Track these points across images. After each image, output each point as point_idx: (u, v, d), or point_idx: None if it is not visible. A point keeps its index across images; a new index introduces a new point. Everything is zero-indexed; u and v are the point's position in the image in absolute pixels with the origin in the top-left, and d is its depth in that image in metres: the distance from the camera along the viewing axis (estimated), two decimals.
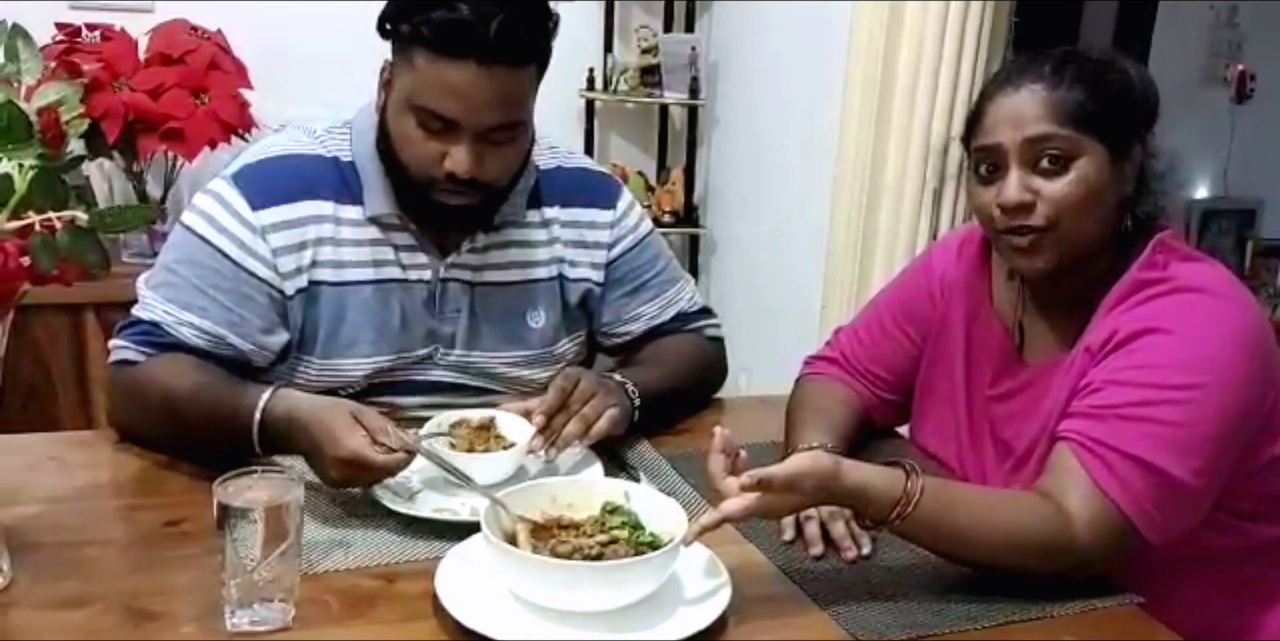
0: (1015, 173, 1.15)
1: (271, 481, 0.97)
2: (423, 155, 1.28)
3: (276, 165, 1.36)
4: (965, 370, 1.33)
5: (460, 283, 1.42)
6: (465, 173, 1.26)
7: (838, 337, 1.49)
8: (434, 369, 1.43)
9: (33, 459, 1.25)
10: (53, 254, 0.87)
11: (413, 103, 1.26)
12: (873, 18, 2.23)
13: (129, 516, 1.14)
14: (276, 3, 2.72)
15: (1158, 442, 1.07)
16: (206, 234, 1.32)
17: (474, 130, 1.25)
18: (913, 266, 1.47)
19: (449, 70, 1.22)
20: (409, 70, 1.26)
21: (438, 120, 1.25)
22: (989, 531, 1.06)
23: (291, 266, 1.33)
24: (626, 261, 1.52)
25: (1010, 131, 1.15)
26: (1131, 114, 1.17)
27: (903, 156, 2.28)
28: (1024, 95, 1.16)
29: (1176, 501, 1.06)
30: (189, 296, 1.31)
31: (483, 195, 1.32)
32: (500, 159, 1.30)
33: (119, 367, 1.32)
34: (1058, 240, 1.15)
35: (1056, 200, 1.14)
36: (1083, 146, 1.14)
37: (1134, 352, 1.11)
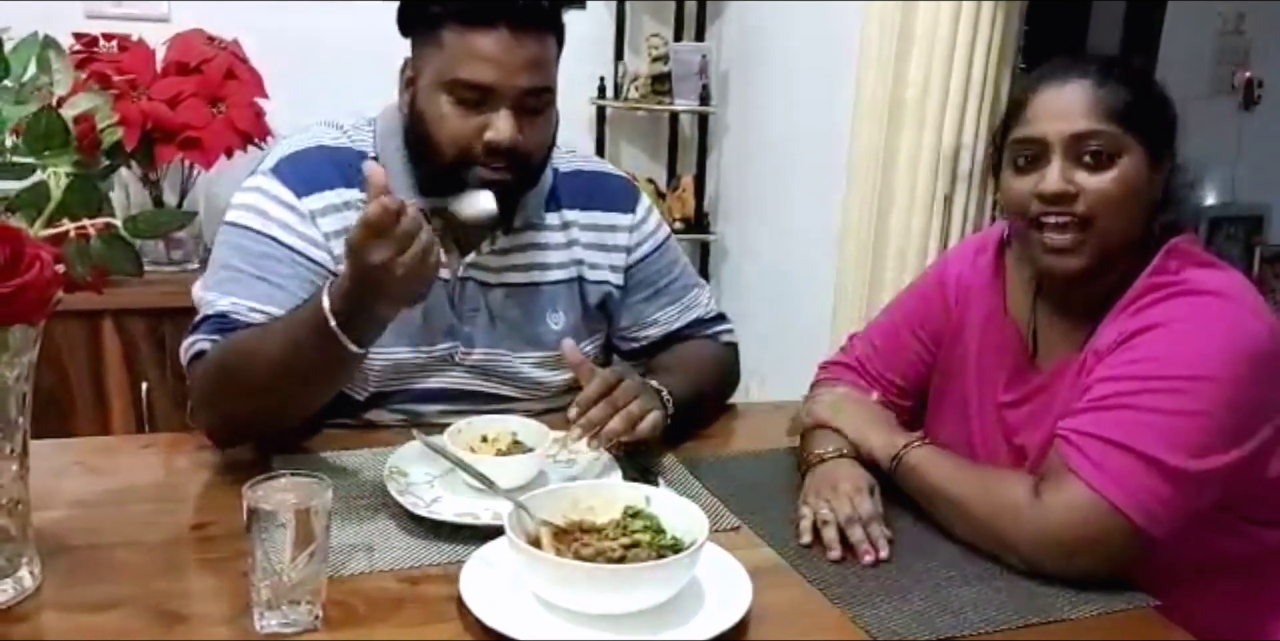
0: (1058, 163, 1.16)
1: (299, 485, 0.98)
2: (460, 131, 1.29)
3: (313, 155, 1.38)
4: (978, 377, 1.34)
5: (478, 283, 1.43)
6: (507, 140, 1.28)
7: (852, 343, 1.50)
8: (453, 371, 1.44)
9: (58, 464, 1.26)
10: (87, 261, 0.89)
11: (445, 79, 1.28)
12: (883, 24, 2.24)
13: (156, 520, 1.15)
14: (292, 13, 2.74)
15: (1137, 427, 1.07)
16: (257, 225, 1.33)
17: (509, 97, 1.28)
18: (927, 274, 1.48)
19: (481, 39, 1.26)
20: (437, 51, 1.29)
21: (473, 91, 1.27)
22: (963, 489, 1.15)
23: (343, 250, 1.33)
24: (646, 265, 1.54)
25: (1056, 124, 1.16)
26: (1170, 120, 1.19)
27: (913, 162, 2.29)
28: (1072, 89, 1.17)
29: (1164, 485, 1.06)
30: (251, 287, 1.31)
31: (518, 171, 1.33)
32: (535, 128, 1.32)
33: (194, 362, 1.29)
34: (1093, 237, 1.16)
35: (1097, 195, 1.15)
36: (1126, 145, 1.15)
37: (1131, 349, 1.13)
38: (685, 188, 3.07)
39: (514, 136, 1.29)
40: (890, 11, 2.23)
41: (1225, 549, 1.17)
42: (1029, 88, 1.22)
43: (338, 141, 1.40)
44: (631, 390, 1.27)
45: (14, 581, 0.98)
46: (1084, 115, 1.15)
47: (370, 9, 2.80)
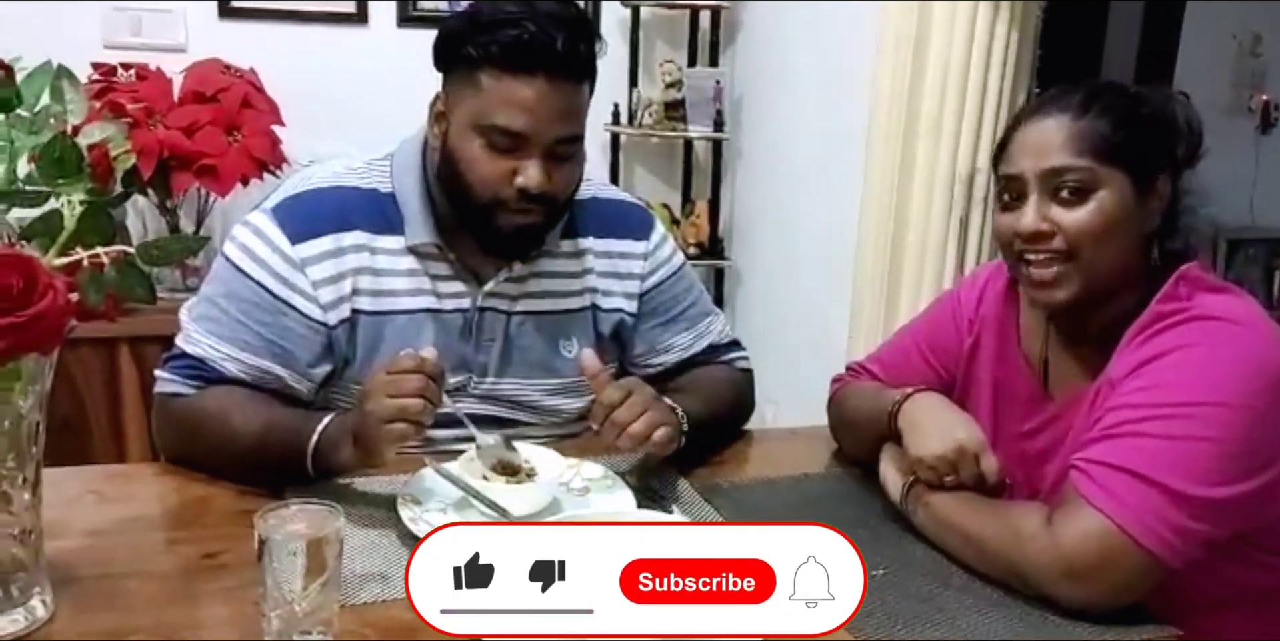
0: (1034, 201, 1.17)
1: (311, 513, 0.98)
2: (492, 175, 1.30)
3: (314, 197, 1.38)
4: (994, 409, 1.33)
5: (496, 311, 1.43)
6: (538, 187, 1.29)
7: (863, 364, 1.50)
8: (465, 400, 1.43)
9: (72, 492, 1.26)
10: (101, 290, 0.89)
11: (480, 123, 1.29)
12: (898, 48, 2.25)
13: (168, 549, 1.15)
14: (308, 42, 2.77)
15: (1150, 455, 1.06)
16: (246, 267, 1.34)
17: (543, 144, 1.29)
18: (940, 301, 1.47)
19: (519, 86, 1.26)
20: (473, 93, 1.29)
21: (507, 137, 1.28)
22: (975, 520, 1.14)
23: (332, 297, 1.35)
24: (660, 292, 1.53)
25: (1032, 161, 1.17)
26: (1160, 148, 1.17)
27: (928, 186, 2.28)
28: (1049, 125, 1.17)
29: (1178, 513, 1.04)
30: (232, 330, 1.33)
31: (546, 213, 1.34)
32: (565, 173, 1.33)
33: (167, 399, 1.35)
34: (1078, 270, 1.16)
35: (1074, 230, 1.15)
36: (1103, 178, 1.14)
37: (1143, 377, 1.11)
38: (699, 213, 3.07)
39: (544, 184, 1.30)
40: (904, 36, 2.24)
41: (1243, 579, 1.15)
42: (1013, 124, 1.23)
43: (346, 181, 1.40)
44: (649, 398, 1.28)
45: (26, 611, 0.97)
46: (1058, 150, 1.15)
47: (384, 40, 2.84)
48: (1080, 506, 1.07)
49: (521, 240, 1.38)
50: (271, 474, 1.23)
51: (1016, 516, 1.12)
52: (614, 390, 1.26)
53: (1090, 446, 1.10)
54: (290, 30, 2.77)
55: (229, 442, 1.28)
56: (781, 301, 2.91)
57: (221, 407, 1.30)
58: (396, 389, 1.14)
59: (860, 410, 1.39)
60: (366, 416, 1.15)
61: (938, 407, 1.25)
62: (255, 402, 1.32)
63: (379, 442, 1.16)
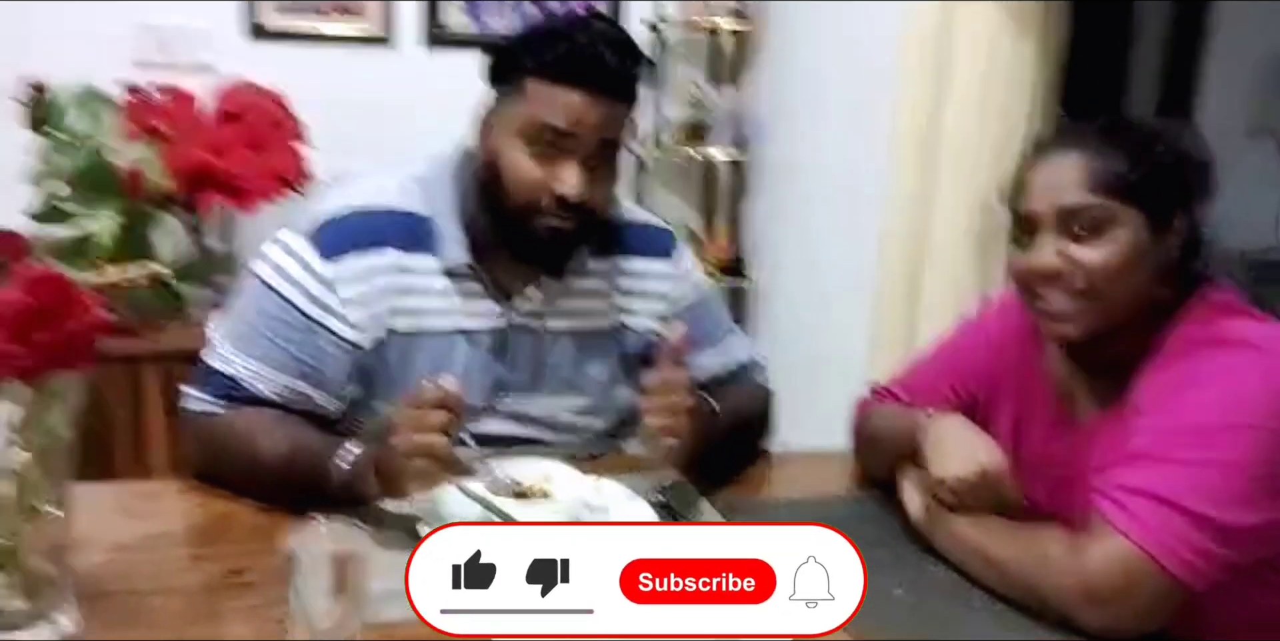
0: (1050, 238, 1.16)
1: (337, 530, 0.98)
2: (531, 180, 1.32)
3: (347, 216, 1.39)
4: (1016, 433, 1.33)
5: (526, 330, 1.44)
6: (576, 194, 1.32)
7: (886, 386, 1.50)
8: (492, 419, 1.44)
9: (99, 508, 1.27)
10: (135, 308, 0.90)
11: (526, 125, 1.32)
12: (921, 73, 2.25)
13: (193, 565, 1.16)
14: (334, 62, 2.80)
15: (1174, 479, 1.06)
16: (277, 285, 1.35)
17: (583, 149, 1.31)
18: (964, 324, 1.47)
19: (565, 93, 1.30)
20: (521, 100, 1.33)
21: (553, 137, 1.31)
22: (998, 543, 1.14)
23: (363, 317, 1.36)
24: (686, 313, 1.54)
25: (1047, 199, 1.17)
26: (1176, 185, 1.17)
27: (951, 210, 2.28)
28: (1063, 163, 1.17)
29: (1202, 537, 1.03)
30: (262, 349, 1.34)
31: (580, 222, 1.36)
32: (602, 183, 1.36)
33: (195, 417, 1.36)
34: (1094, 307, 1.16)
35: (1090, 268, 1.15)
36: (1119, 215, 1.14)
37: (1167, 401, 1.11)
38: (720, 234, 3.08)
39: (582, 190, 1.32)
40: (928, 60, 2.24)
41: (1268, 604, 1.14)
42: (1026, 163, 1.23)
43: (379, 200, 1.41)
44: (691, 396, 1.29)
45: (53, 627, 0.98)
46: (1074, 188, 1.15)
47: (410, 61, 2.87)
48: (1104, 530, 1.06)
49: (555, 248, 1.39)
50: (295, 498, 1.24)
51: (1039, 539, 1.12)
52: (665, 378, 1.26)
53: (1114, 470, 1.10)
54: (317, 51, 2.80)
55: (254, 466, 1.29)
56: (802, 322, 2.91)
57: (249, 430, 1.31)
58: (421, 424, 1.15)
59: (883, 431, 1.39)
60: (391, 452, 1.16)
61: (961, 430, 1.25)
62: (283, 426, 1.32)
63: (403, 478, 1.16)
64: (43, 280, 0.86)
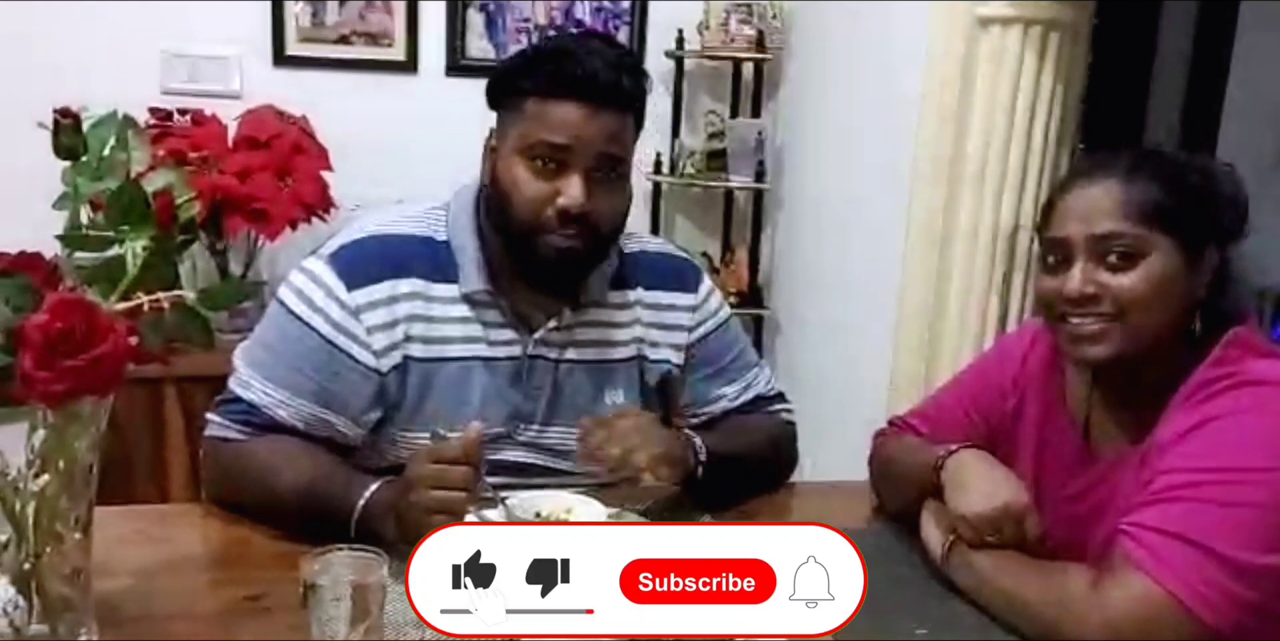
0: (1081, 265, 1.16)
1: (357, 559, 0.99)
2: (534, 196, 1.33)
3: (371, 245, 1.40)
4: (1036, 469, 1.32)
5: (546, 360, 1.44)
6: (578, 205, 1.31)
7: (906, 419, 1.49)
8: (508, 447, 1.44)
9: (120, 532, 1.27)
10: (162, 334, 0.91)
11: (525, 142, 1.33)
12: (941, 103, 2.26)
13: (211, 591, 1.16)
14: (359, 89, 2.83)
15: (1200, 520, 1.04)
16: (302, 313, 1.36)
17: (584, 161, 1.32)
18: (985, 357, 1.47)
19: (560, 107, 1.32)
20: (520, 120, 1.34)
21: (550, 151, 1.32)
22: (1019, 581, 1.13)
23: (385, 343, 1.37)
24: (707, 344, 1.54)
25: (1080, 226, 1.17)
26: (1208, 214, 1.17)
27: (971, 240, 2.28)
28: (1098, 190, 1.17)
29: (1228, 578, 1.02)
30: (286, 376, 1.35)
31: (589, 239, 1.36)
32: (607, 198, 1.36)
33: (218, 444, 1.37)
34: (1122, 332, 1.15)
35: (1122, 295, 1.14)
36: (1153, 243, 1.14)
37: (1192, 441, 1.10)
38: (739, 262, 3.08)
39: (585, 202, 1.32)
40: (948, 90, 2.25)
41: None
42: (1060, 188, 1.23)
43: (403, 228, 1.42)
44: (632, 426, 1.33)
45: None
46: (1108, 216, 1.15)
47: (433, 88, 2.90)
48: (1128, 570, 1.05)
49: (565, 268, 1.38)
50: (313, 531, 1.22)
51: (1062, 578, 1.11)
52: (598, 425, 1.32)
53: (1139, 510, 1.09)
54: (342, 77, 2.84)
55: (272, 495, 1.29)
56: (821, 352, 2.90)
57: (270, 461, 1.32)
58: (441, 481, 1.14)
59: (903, 464, 1.38)
60: (410, 506, 1.15)
61: (983, 465, 1.24)
62: (304, 456, 1.32)
63: (420, 531, 1.16)
64: (71, 306, 0.87)
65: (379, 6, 2.84)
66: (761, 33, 2.94)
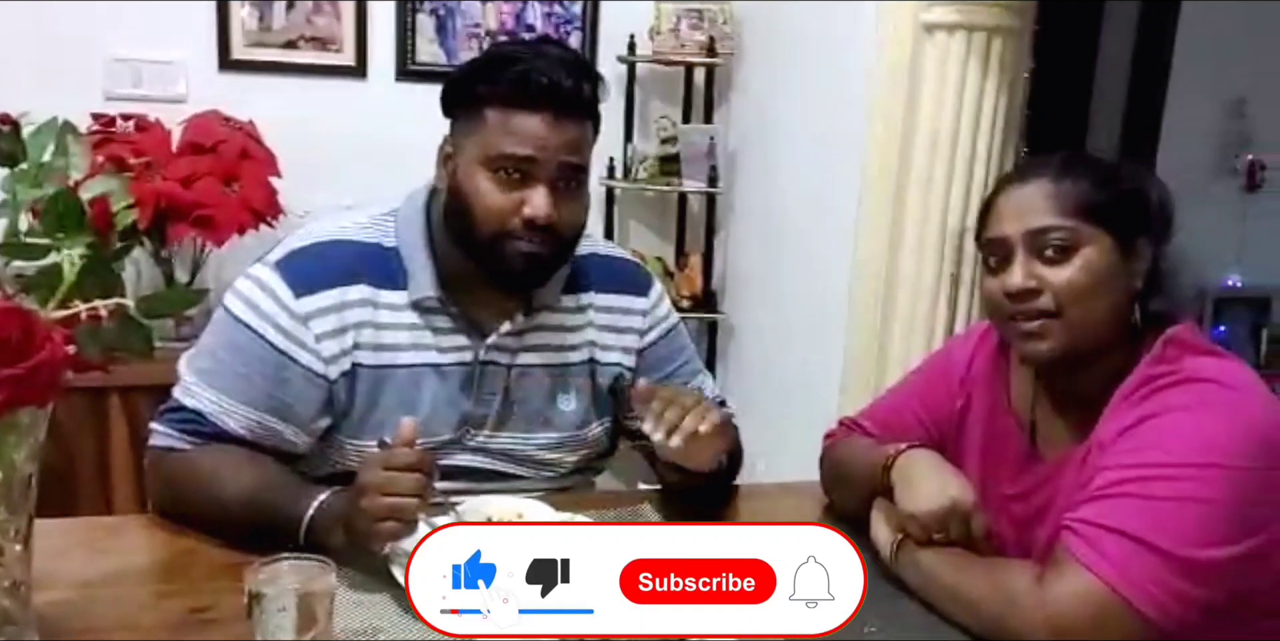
0: (1021, 260, 1.19)
1: (302, 568, 0.97)
2: (498, 207, 1.32)
3: (319, 251, 1.39)
4: (983, 469, 1.33)
5: (497, 365, 1.44)
6: (544, 216, 1.31)
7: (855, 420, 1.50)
8: (461, 453, 1.44)
9: (61, 544, 1.25)
10: (100, 343, 0.89)
11: (487, 155, 1.32)
12: (889, 108, 2.28)
13: (156, 603, 1.14)
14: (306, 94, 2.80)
15: (1142, 516, 1.06)
16: (249, 320, 1.34)
17: (547, 172, 1.32)
18: (933, 358, 1.48)
19: (524, 119, 1.31)
20: (480, 129, 1.33)
21: (514, 164, 1.31)
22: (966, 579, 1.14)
23: (334, 351, 1.35)
24: (657, 349, 1.55)
25: (1016, 223, 1.19)
26: (1139, 210, 1.20)
27: (920, 242, 2.30)
28: (1030, 188, 1.20)
29: (1170, 574, 1.04)
30: (233, 384, 1.33)
31: (552, 245, 1.35)
32: (571, 208, 1.36)
33: (161, 453, 1.35)
34: (1065, 326, 1.17)
35: (1061, 287, 1.16)
36: (1087, 236, 1.17)
37: (1133, 438, 1.12)
38: (693, 267, 3.09)
39: (551, 213, 1.32)
40: (895, 95, 2.27)
41: None
42: (994, 191, 1.26)
43: (351, 235, 1.41)
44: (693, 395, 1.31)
45: None
46: (1041, 212, 1.18)
47: (383, 93, 2.88)
48: (1072, 566, 1.06)
49: (529, 274, 1.38)
50: (260, 541, 1.21)
51: (1007, 575, 1.12)
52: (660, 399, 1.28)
53: (1082, 507, 1.10)
54: (289, 83, 2.81)
55: (220, 507, 1.27)
56: (774, 355, 2.92)
57: (216, 470, 1.30)
58: (392, 487, 1.13)
59: (853, 465, 1.39)
60: (360, 513, 1.14)
61: (931, 464, 1.25)
62: (250, 466, 1.30)
63: (371, 538, 1.15)
64: (8, 314, 0.85)
65: (327, 10, 2.82)
66: (712, 38, 2.95)
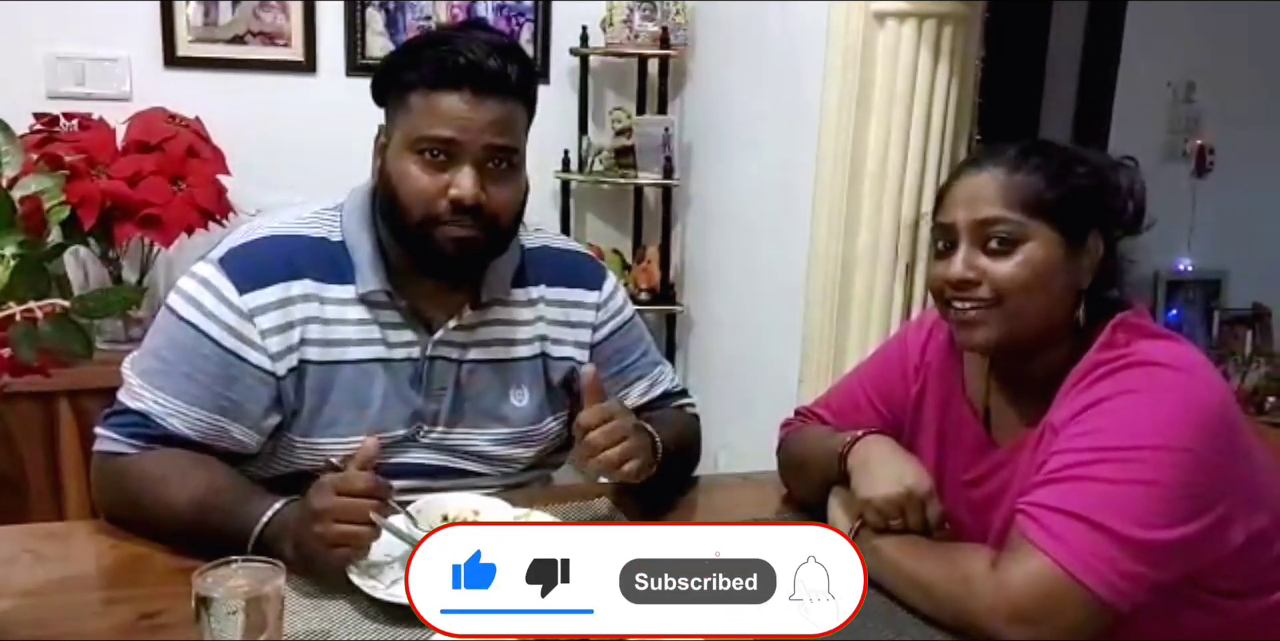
0: (963, 250, 1.19)
1: (251, 570, 0.96)
2: (424, 189, 1.31)
3: (262, 247, 1.36)
4: (939, 455, 1.34)
5: (447, 360, 1.42)
6: (470, 196, 1.29)
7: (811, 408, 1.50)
8: (414, 449, 1.42)
9: (9, 551, 1.23)
10: (35, 344, 0.87)
11: (412, 137, 1.31)
12: (842, 97, 2.29)
13: (106, 609, 1.12)
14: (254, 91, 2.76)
15: (1093, 498, 1.07)
16: (193, 319, 1.32)
17: (472, 153, 1.30)
18: (887, 346, 1.49)
19: (445, 99, 1.29)
20: (405, 114, 1.32)
21: (438, 146, 1.30)
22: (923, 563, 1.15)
23: (281, 347, 1.33)
24: (612, 342, 1.53)
25: (964, 211, 1.19)
26: (1092, 208, 1.20)
27: (874, 232, 2.31)
28: (984, 177, 1.20)
29: (1123, 555, 1.05)
30: (179, 384, 1.30)
31: (487, 231, 1.33)
32: (500, 189, 1.33)
33: (107, 458, 1.32)
34: (1003, 316, 1.18)
35: (1001, 280, 1.17)
36: (1032, 231, 1.17)
37: (1084, 422, 1.13)
38: (650, 259, 3.08)
39: (477, 193, 1.30)
40: (847, 85, 2.27)
41: (1194, 622, 1.16)
42: (951, 176, 1.26)
43: (295, 230, 1.39)
44: (629, 425, 1.29)
45: None
46: (989, 202, 1.18)
47: (333, 88, 2.84)
48: (1026, 549, 1.07)
49: (463, 260, 1.35)
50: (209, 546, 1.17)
51: (963, 560, 1.12)
52: (595, 412, 1.27)
53: (1035, 490, 1.11)
54: (237, 79, 2.76)
55: (169, 512, 1.25)
56: (732, 347, 2.92)
57: (164, 474, 1.27)
58: (346, 514, 1.12)
59: (810, 453, 1.39)
60: (313, 537, 1.12)
61: (887, 451, 1.25)
62: (199, 470, 1.28)
63: (322, 563, 1.13)
64: None
65: (274, 5, 2.77)
66: (665, 29, 2.94)
